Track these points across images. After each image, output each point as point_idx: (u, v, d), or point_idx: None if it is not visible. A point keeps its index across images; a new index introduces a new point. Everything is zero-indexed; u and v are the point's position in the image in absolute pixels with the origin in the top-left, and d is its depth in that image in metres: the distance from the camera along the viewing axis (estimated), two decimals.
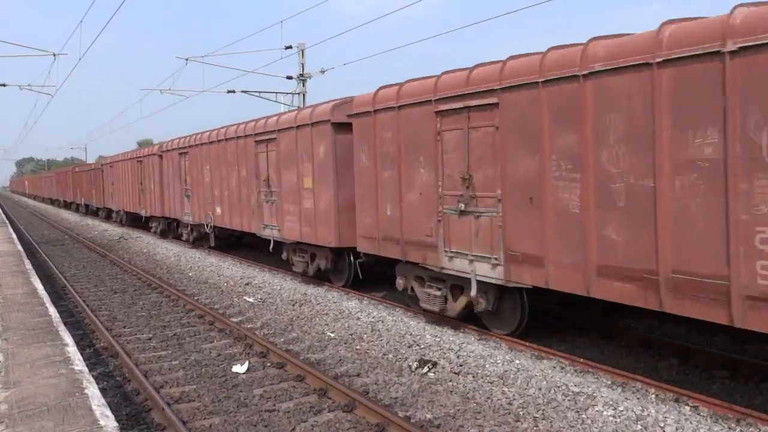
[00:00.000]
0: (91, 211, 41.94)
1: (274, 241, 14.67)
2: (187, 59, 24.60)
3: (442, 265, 9.48)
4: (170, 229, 24.62)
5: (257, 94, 25.96)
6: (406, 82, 10.19)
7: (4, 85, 26.40)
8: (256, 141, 15.16)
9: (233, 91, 26.73)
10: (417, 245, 9.99)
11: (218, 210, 18.10)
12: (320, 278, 13.59)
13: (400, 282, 10.81)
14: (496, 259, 8.47)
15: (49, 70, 29.87)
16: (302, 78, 25.39)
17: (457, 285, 9.49)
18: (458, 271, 9.17)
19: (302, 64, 25.40)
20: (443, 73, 9.33)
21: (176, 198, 21.96)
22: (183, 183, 21.13)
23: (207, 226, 19.12)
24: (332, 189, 12.13)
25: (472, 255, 8.87)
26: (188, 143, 20.41)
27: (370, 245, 11.24)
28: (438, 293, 9.82)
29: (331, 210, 12.16)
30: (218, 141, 17.71)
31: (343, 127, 11.90)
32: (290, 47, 24.64)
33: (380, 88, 10.81)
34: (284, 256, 14.79)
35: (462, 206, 8.96)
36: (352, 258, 12.39)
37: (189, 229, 21.61)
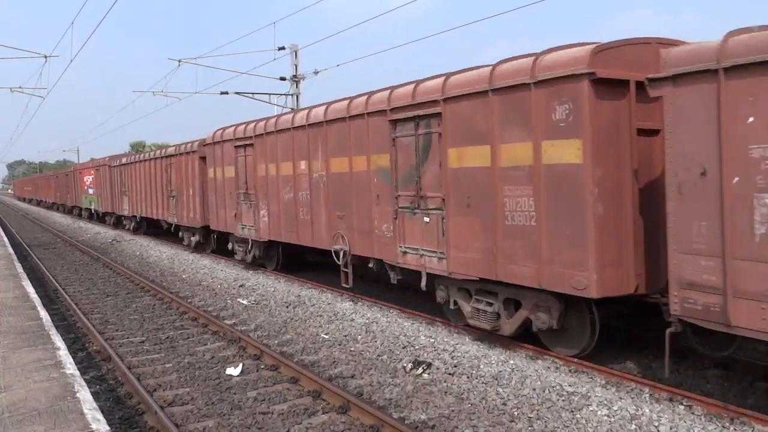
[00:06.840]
0: (66, 210, 49.76)
1: (174, 224, 22.51)
2: (180, 61, 24.52)
3: (239, 233, 16.50)
4: (119, 222, 32.30)
5: (251, 95, 25.88)
6: (225, 128, 17.35)
7: None
8: (164, 163, 23.16)
9: (226, 93, 26.65)
10: (232, 223, 16.91)
11: (143, 205, 26.13)
12: (197, 248, 21.01)
13: (231, 245, 17.53)
14: (255, 227, 15.50)
15: (41, 72, 29.58)
16: (296, 79, 25.36)
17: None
18: (245, 236, 16.14)
19: (295, 66, 25.37)
20: (239, 124, 16.58)
21: (119, 197, 30.60)
22: (123, 186, 29.39)
23: (137, 217, 27.68)
24: (199, 193, 19.70)
25: (249, 226, 15.89)
26: (125, 161, 29.22)
27: (215, 224, 18.23)
28: (242, 249, 16.80)
29: (198, 205, 19.71)
30: (142, 161, 25.82)
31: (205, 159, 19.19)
32: (283, 48, 24.59)
33: (216, 130, 17.72)
34: (180, 235, 22.35)
35: (245, 199, 15.97)
36: (213, 235, 19.59)
37: (129, 220, 29.63)
